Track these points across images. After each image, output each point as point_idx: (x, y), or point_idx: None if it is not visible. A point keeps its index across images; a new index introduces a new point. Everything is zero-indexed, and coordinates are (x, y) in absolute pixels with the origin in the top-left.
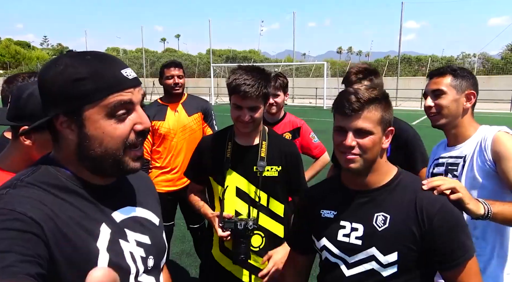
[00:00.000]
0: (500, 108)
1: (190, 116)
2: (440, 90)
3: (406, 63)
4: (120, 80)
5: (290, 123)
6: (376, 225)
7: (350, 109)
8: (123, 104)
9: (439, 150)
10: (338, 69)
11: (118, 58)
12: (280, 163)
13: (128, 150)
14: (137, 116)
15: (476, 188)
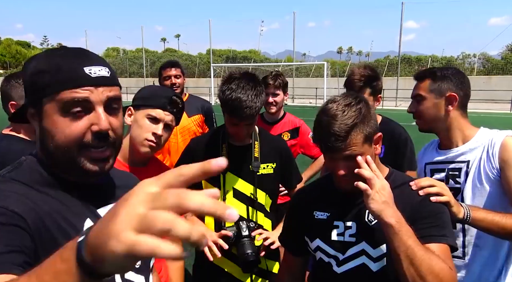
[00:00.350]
0: (500, 108)
1: (190, 117)
2: (419, 95)
3: (406, 63)
4: (78, 77)
5: (289, 123)
6: (367, 221)
7: (332, 149)
8: (76, 101)
9: (430, 153)
10: (338, 69)
11: (93, 55)
12: (275, 160)
13: (84, 150)
14: (96, 116)
15: (482, 196)
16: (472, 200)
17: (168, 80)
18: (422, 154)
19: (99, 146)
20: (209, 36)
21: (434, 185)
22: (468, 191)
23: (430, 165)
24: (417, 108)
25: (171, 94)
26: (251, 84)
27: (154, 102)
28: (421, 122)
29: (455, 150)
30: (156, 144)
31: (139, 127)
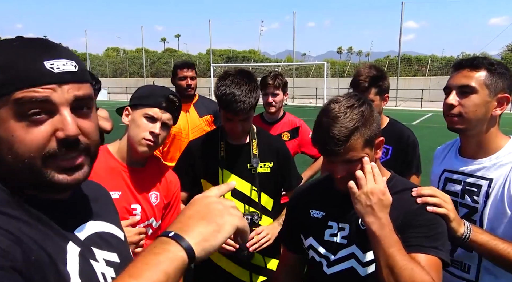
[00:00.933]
0: None
1: (202, 117)
2: (471, 87)
3: (406, 63)
4: (37, 73)
5: (289, 123)
6: (361, 225)
7: (332, 153)
8: (35, 102)
9: (450, 158)
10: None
11: (57, 46)
12: (272, 159)
13: (50, 160)
14: (60, 119)
15: (502, 221)
16: (490, 224)
17: (183, 80)
18: (442, 155)
19: (63, 156)
20: (209, 36)
21: (435, 195)
22: (488, 214)
23: (447, 173)
24: (461, 101)
25: (168, 93)
26: (245, 80)
27: (151, 101)
28: (459, 120)
29: (477, 162)
30: (153, 143)
31: (136, 126)
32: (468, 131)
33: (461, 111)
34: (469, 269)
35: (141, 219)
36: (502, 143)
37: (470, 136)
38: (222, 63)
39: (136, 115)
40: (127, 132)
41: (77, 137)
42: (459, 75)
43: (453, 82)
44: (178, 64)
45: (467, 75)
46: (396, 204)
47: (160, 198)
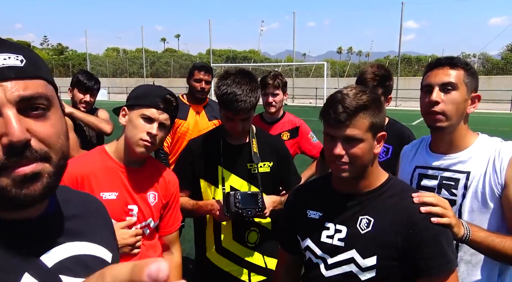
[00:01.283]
0: (500, 108)
1: (210, 121)
2: (453, 84)
3: (406, 63)
4: None
5: (289, 122)
6: (359, 228)
7: (336, 119)
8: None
9: (421, 155)
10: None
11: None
12: (272, 159)
13: (2, 172)
14: (2, 123)
15: (483, 213)
16: (469, 215)
17: (198, 82)
18: (412, 153)
19: (17, 164)
20: (209, 36)
21: (437, 204)
22: (467, 206)
23: (421, 169)
24: (444, 98)
25: (164, 92)
26: (246, 79)
27: (148, 101)
28: (443, 117)
29: (452, 157)
30: (151, 144)
31: (133, 127)
32: (448, 128)
33: (444, 108)
34: None
35: (138, 219)
36: (473, 139)
37: (446, 133)
38: (222, 63)
39: (133, 116)
40: (124, 133)
41: (25, 142)
42: (440, 73)
43: (435, 80)
44: (197, 65)
45: (447, 73)
46: (397, 206)
47: (158, 198)
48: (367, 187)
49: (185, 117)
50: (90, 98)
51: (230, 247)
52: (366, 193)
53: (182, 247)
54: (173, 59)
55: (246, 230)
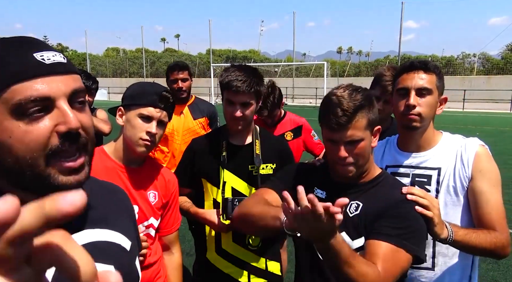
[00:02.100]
0: (500, 108)
1: (195, 120)
2: (428, 89)
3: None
4: (28, 65)
5: (291, 122)
6: (348, 212)
7: (338, 124)
8: (34, 100)
9: (390, 154)
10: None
11: (41, 41)
12: (275, 161)
13: (53, 159)
14: (60, 113)
15: (455, 205)
16: (444, 210)
17: (175, 83)
18: (380, 154)
19: (70, 151)
20: (209, 36)
21: (425, 197)
22: (442, 201)
23: (392, 168)
24: (420, 102)
25: (160, 89)
26: (250, 68)
27: (145, 100)
28: (418, 119)
29: (422, 154)
30: (151, 143)
31: (132, 127)
32: (420, 128)
33: (420, 111)
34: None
35: (139, 219)
36: (439, 137)
37: (417, 132)
38: (222, 63)
39: (130, 116)
40: (123, 133)
41: (78, 131)
42: (416, 77)
43: (411, 84)
44: (170, 66)
45: (423, 77)
46: (384, 195)
47: (158, 197)
48: (363, 179)
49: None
50: (88, 98)
51: (229, 249)
52: (361, 184)
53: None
54: (173, 59)
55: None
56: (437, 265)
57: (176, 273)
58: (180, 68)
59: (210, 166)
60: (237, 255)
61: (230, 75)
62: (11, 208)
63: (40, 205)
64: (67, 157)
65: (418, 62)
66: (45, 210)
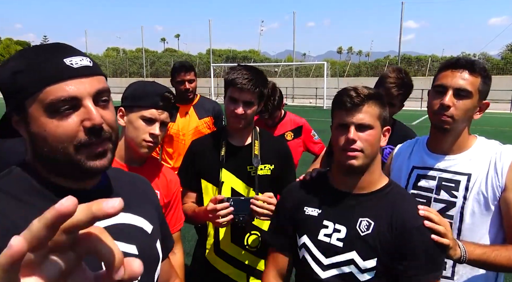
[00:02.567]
0: (500, 108)
1: (201, 119)
2: (468, 91)
3: (406, 63)
4: (60, 69)
5: (291, 122)
6: (359, 230)
7: (352, 103)
8: (64, 100)
9: (419, 155)
10: (338, 69)
11: (70, 46)
12: (274, 161)
13: (81, 148)
14: (85, 111)
15: (483, 215)
16: (471, 218)
17: (182, 85)
18: (408, 153)
19: (95, 143)
20: (209, 36)
21: (440, 223)
22: (469, 209)
23: (419, 169)
24: (456, 103)
25: (162, 90)
26: (256, 69)
27: (146, 102)
28: (450, 120)
29: (451, 158)
30: (154, 144)
31: (134, 129)
32: (452, 131)
33: (454, 113)
34: (445, 265)
35: None
36: (473, 141)
37: (450, 135)
38: (222, 63)
39: (132, 117)
40: (124, 133)
41: (101, 125)
42: (457, 76)
43: (451, 83)
44: (176, 67)
45: (465, 78)
46: (394, 212)
47: (160, 197)
48: (368, 188)
49: (174, 119)
50: None
51: (228, 250)
52: (366, 194)
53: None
54: (173, 59)
55: (245, 233)
56: (457, 274)
57: (179, 273)
58: (187, 69)
59: (209, 166)
60: (235, 256)
61: (236, 73)
62: (72, 205)
63: (89, 206)
64: (93, 146)
65: (465, 61)
66: (92, 210)
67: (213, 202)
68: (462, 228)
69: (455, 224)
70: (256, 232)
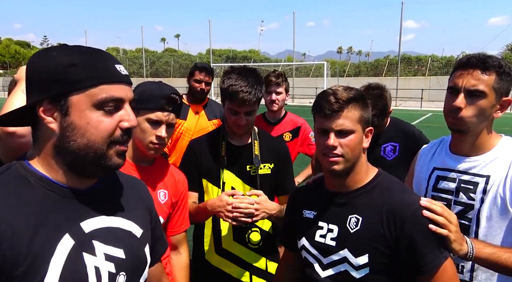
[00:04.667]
0: None
1: (210, 121)
2: (481, 91)
3: (406, 63)
4: (113, 73)
5: (290, 122)
6: (349, 227)
7: (330, 109)
8: (113, 99)
9: (440, 156)
10: (338, 69)
11: (112, 55)
12: (273, 161)
13: (112, 145)
14: (126, 113)
15: (500, 218)
16: (488, 222)
17: (199, 84)
18: (430, 154)
19: (122, 142)
20: (209, 36)
21: (442, 215)
22: (486, 212)
23: (439, 171)
24: (469, 105)
25: (168, 92)
26: (251, 74)
27: (153, 104)
28: (462, 122)
29: (472, 159)
30: (161, 145)
31: (141, 131)
32: (469, 132)
33: (465, 115)
34: (463, 269)
35: None
36: (496, 141)
37: (468, 136)
38: (222, 63)
39: (139, 120)
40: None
41: (133, 128)
42: (469, 76)
43: (462, 83)
44: (198, 66)
45: (477, 77)
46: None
47: (168, 196)
48: (355, 185)
49: (185, 117)
50: None
51: (230, 248)
52: (354, 190)
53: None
54: (173, 59)
55: (247, 231)
56: (475, 279)
57: (184, 273)
58: (208, 71)
59: (210, 166)
60: (238, 254)
61: (234, 85)
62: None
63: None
64: (121, 144)
65: (476, 59)
66: None
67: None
68: (479, 232)
69: (472, 227)
70: (257, 229)
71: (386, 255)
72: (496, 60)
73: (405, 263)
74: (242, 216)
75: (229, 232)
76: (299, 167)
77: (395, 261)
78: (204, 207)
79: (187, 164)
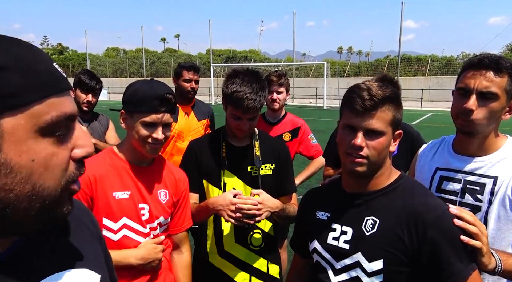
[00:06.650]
0: None
1: (200, 121)
2: (494, 93)
3: (406, 63)
4: (59, 77)
5: (290, 123)
6: (364, 230)
7: (363, 106)
8: (67, 118)
9: (443, 156)
10: (338, 69)
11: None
12: (274, 161)
13: (67, 186)
14: (79, 135)
15: (510, 221)
16: (496, 224)
17: (188, 83)
18: (431, 154)
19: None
20: (209, 36)
21: (474, 224)
22: (494, 213)
23: (442, 171)
24: (480, 107)
25: (161, 92)
26: (255, 79)
27: (146, 107)
28: (472, 124)
29: (478, 160)
30: (159, 145)
31: (137, 133)
32: (477, 133)
33: (477, 117)
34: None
35: (149, 218)
36: (502, 142)
37: (476, 137)
38: (222, 63)
39: (134, 122)
40: (128, 135)
41: None
42: (481, 78)
43: (474, 85)
44: (185, 66)
45: (490, 79)
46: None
47: (169, 196)
48: (375, 186)
49: (176, 119)
50: (93, 98)
51: (232, 251)
52: (372, 192)
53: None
54: (173, 59)
55: (248, 232)
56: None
57: (186, 272)
58: (196, 70)
59: (211, 167)
60: (239, 257)
61: (238, 92)
62: None
63: None
64: (74, 183)
65: (488, 60)
66: None
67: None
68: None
69: None
70: (259, 231)
71: (403, 263)
72: (509, 62)
73: (425, 273)
74: (245, 217)
75: (231, 233)
76: (300, 168)
77: (412, 270)
78: (205, 205)
79: (187, 165)
